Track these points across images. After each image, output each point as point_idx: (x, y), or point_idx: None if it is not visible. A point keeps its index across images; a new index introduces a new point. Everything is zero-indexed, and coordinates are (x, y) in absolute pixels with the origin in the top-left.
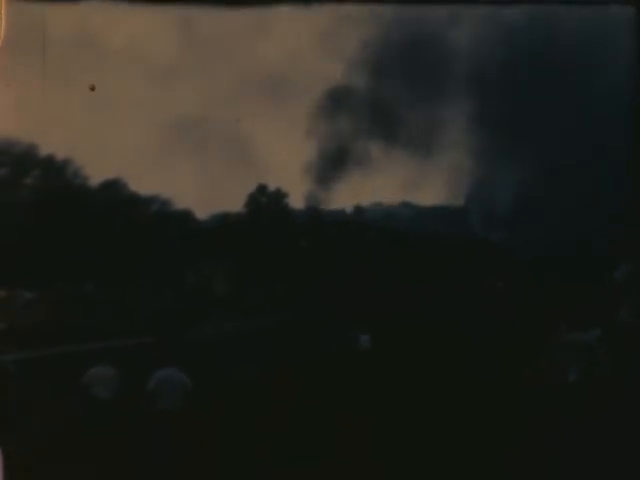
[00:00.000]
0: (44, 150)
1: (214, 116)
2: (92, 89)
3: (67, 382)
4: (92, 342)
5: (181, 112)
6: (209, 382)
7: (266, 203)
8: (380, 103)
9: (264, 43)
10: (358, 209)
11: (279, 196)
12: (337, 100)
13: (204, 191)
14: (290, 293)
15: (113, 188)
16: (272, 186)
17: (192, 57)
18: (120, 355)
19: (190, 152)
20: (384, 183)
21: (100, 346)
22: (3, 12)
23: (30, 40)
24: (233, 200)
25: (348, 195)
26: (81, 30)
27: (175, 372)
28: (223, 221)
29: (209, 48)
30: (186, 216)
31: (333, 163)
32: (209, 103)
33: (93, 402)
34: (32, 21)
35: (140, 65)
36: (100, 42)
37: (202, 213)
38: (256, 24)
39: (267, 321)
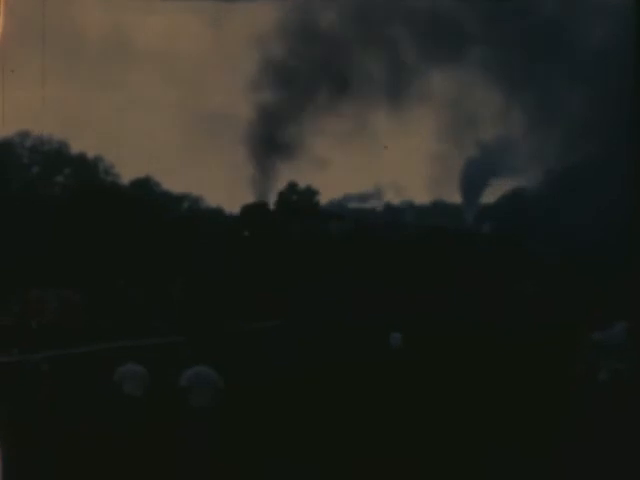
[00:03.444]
0: (75, 148)
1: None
2: None
3: (98, 379)
4: (123, 340)
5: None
6: (242, 380)
7: (296, 200)
8: None
9: None
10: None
11: (310, 193)
12: None
13: (234, 188)
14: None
15: (144, 186)
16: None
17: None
18: (151, 353)
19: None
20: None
21: (131, 344)
22: (2, 5)
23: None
24: (262, 196)
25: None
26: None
27: (207, 370)
28: (252, 218)
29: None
30: (216, 213)
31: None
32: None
33: (124, 399)
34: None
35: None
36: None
37: (233, 210)
38: None
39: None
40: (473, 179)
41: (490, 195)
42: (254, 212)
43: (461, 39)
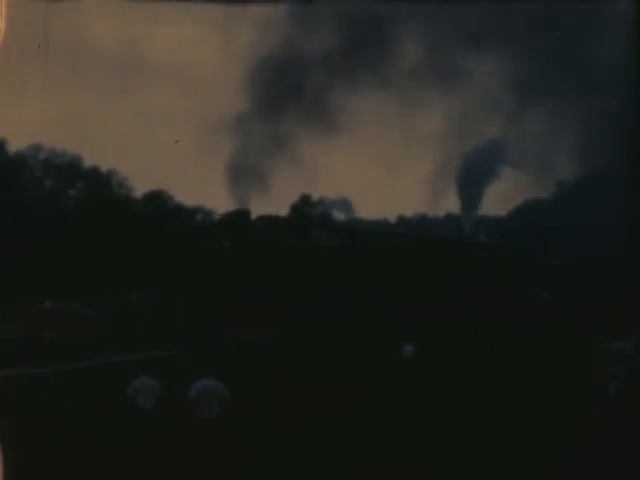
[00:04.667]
0: (88, 162)
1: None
2: None
3: (111, 392)
4: (135, 353)
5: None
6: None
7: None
8: None
9: None
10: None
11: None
12: None
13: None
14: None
15: (157, 199)
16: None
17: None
18: (163, 366)
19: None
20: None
21: (143, 357)
22: (3, 12)
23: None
24: (279, 209)
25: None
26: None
27: (213, 382)
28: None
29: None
30: (230, 226)
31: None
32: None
33: (137, 412)
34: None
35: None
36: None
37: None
38: None
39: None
40: (477, 188)
41: (501, 206)
42: (259, 224)
43: (467, 46)
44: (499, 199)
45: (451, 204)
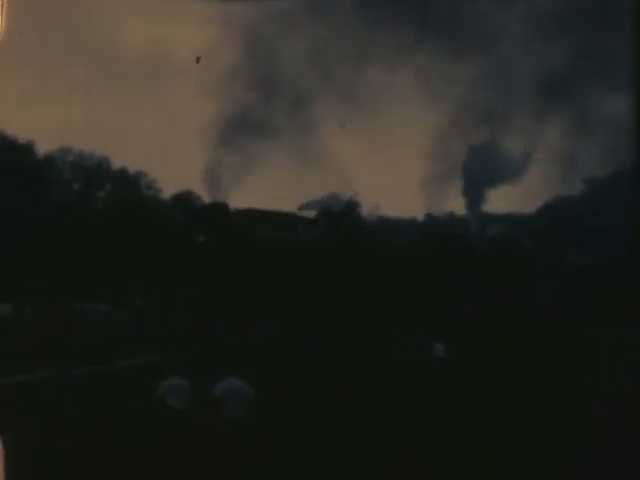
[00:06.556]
0: (117, 163)
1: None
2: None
3: (140, 393)
4: (165, 354)
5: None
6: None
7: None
8: None
9: None
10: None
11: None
12: None
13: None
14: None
15: (185, 200)
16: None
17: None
18: (190, 366)
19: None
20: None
21: (172, 358)
22: (4, 10)
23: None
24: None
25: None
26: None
27: (238, 381)
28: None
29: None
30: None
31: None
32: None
33: (167, 412)
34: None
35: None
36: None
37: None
38: None
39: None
40: (476, 185)
41: (528, 204)
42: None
43: (490, 40)
44: (523, 196)
45: (461, 202)
